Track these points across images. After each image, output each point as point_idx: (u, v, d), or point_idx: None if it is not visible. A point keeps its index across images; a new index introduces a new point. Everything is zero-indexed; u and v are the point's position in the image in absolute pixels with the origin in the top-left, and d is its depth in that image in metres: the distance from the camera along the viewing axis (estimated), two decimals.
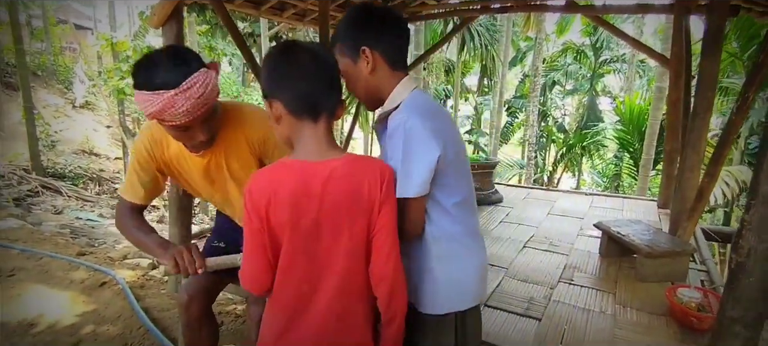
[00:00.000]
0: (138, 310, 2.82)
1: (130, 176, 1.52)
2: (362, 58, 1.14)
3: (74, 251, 4.01)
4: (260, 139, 1.53)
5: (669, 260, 2.42)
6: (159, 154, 1.49)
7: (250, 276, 1.02)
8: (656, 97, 6.72)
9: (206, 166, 1.52)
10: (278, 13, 4.04)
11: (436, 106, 1.20)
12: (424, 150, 1.06)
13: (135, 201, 1.52)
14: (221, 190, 1.61)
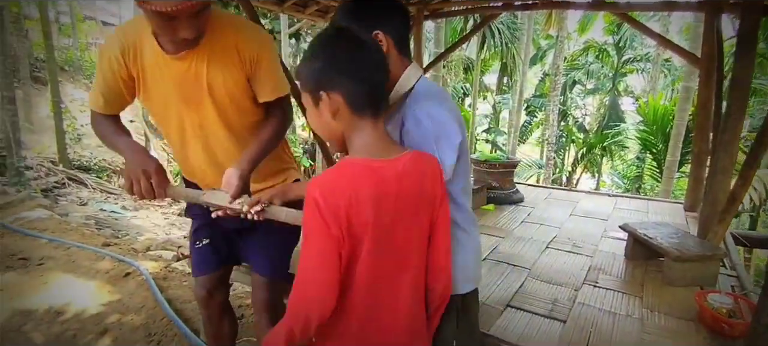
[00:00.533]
0: (161, 300, 2.87)
1: (94, 85, 1.40)
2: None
3: (99, 242, 4.11)
4: (255, 56, 1.37)
5: (698, 264, 2.35)
6: (130, 61, 1.33)
7: (321, 295, 0.88)
8: (683, 97, 6.54)
9: (183, 75, 1.33)
10: (301, 9, 4.06)
11: (445, 91, 1.20)
12: (451, 135, 1.07)
13: (97, 109, 1.41)
14: (194, 112, 1.40)
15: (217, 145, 1.47)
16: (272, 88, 1.44)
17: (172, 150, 1.53)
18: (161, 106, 1.41)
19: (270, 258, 1.66)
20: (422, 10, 4.46)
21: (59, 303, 2.83)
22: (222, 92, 1.37)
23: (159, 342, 2.55)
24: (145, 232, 5.66)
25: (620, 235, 2.92)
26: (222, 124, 1.43)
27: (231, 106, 1.42)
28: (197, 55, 1.32)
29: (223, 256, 1.69)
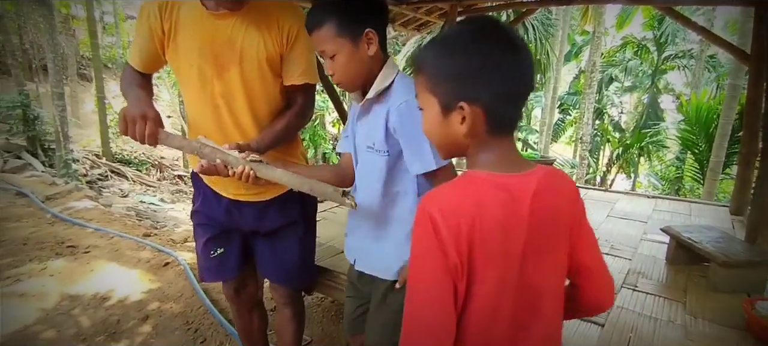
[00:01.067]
0: (198, 290, 2.97)
1: (135, 39, 1.43)
2: (364, 40, 1.14)
3: (140, 232, 4.29)
4: (294, 33, 1.37)
5: (746, 270, 2.24)
6: (166, 14, 1.33)
7: (439, 329, 0.70)
8: (729, 95, 6.22)
9: (218, 35, 1.33)
10: None
11: None
12: None
13: (134, 65, 1.43)
14: (219, 77, 1.37)
15: (234, 118, 1.41)
16: (302, 72, 1.43)
17: (189, 119, 1.51)
18: (186, 65, 1.37)
19: (285, 269, 1.65)
20: (456, 7, 4.42)
21: (104, 289, 2.98)
22: (253, 62, 1.36)
23: (196, 330, 2.63)
24: (182, 224, 5.86)
25: (661, 238, 2.81)
26: (245, 96, 1.39)
27: (257, 80, 1.39)
28: (237, 17, 1.32)
29: (241, 262, 1.66)
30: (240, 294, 1.76)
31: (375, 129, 1.19)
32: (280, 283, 1.70)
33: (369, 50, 1.14)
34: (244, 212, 1.55)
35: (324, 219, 3.20)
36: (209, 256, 1.62)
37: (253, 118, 1.43)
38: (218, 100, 1.39)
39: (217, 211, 1.56)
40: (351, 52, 1.14)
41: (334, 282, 2.28)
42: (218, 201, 1.55)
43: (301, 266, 1.68)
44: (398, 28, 4.74)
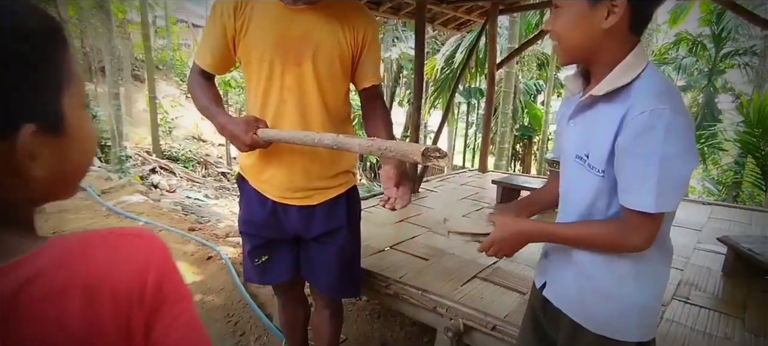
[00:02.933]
0: (239, 285, 3.06)
1: (203, 38, 1.44)
2: (606, 7, 0.86)
3: (186, 226, 4.48)
4: (369, 37, 1.42)
5: None
6: (240, 11, 1.36)
7: None
8: None
9: (294, 28, 1.35)
10: (374, 7, 4.12)
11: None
12: (689, 157, 0.84)
13: (203, 66, 1.44)
14: (290, 71, 1.39)
15: (301, 114, 1.43)
16: (375, 73, 1.49)
17: (253, 111, 1.49)
18: (257, 59, 1.39)
19: (329, 277, 1.64)
20: (497, 6, 4.33)
21: None
22: (326, 58, 1.38)
23: (236, 322, 2.72)
24: (225, 219, 6.07)
25: (717, 248, 2.63)
26: (316, 91, 1.41)
27: (328, 76, 1.41)
28: (314, 12, 1.35)
29: (286, 268, 1.66)
30: (286, 292, 1.79)
31: (595, 137, 0.93)
32: (322, 292, 1.71)
33: (606, 21, 0.86)
34: (290, 215, 1.55)
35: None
36: (253, 263, 1.65)
37: (320, 114, 1.44)
38: (286, 94, 1.41)
39: (261, 214, 1.55)
40: (580, 13, 0.89)
41: (371, 283, 2.28)
42: (262, 204, 1.54)
43: (345, 275, 1.67)
44: (438, 27, 4.68)
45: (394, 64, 14.55)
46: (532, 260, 2.52)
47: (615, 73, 0.89)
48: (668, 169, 0.83)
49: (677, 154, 0.83)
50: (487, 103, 5.07)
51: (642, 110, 0.83)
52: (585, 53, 0.93)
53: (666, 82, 0.88)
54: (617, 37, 0.88)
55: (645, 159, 0.84)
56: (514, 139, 13.09)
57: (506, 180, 3.93)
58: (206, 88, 1.46)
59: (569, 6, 0.90)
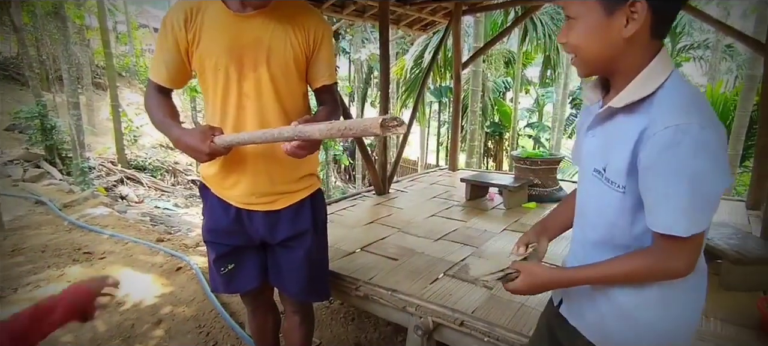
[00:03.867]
0: (210, 294, 3.01)
1: (156, 54, 1.43)
2: (624, 13, 0.79)
3: (154, 237, 4.37)
4: (319, 37, 1.43)
5: (761, 267, 2.18)
6: (190, 23, 1.36)
7: None
8: (747, 86, 6.08)
9: (245, 35, 1.36)
10: (339, 9, 4.12)
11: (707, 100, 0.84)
12: (722, 174, 0.77)
13: (159, 81, 1.43)
14: (246, 77, 1.40)
15: (260, 117, 1.43)
16: (330, 73, 1.51)
17: (212, 122, 1.47)
18: (212, 68, 1.39)
19: (296, 281, 1.64)
20: (460, 7, 4.40)
21: (120, 294, 3.04)
22: (280, 60, 1.39)
23: (208, 333, 2.68)
24: (196, 228, 5.95)
25: None
26: (273, 94, 1.42)
27: (284, 79, 1.42)
28: (263, 17, 1.36)
29: (252, 275, 1.65)
30: (255, 299, 1.78)
31: (614, 151, 0.86)
32: (290, 296, 1.71)
33: (626, 30, 0.79)
34: (254, 221, 1.54)
35: (331, 221, 3.21)
36: (220, 272, 1.63)
37: (279, 117, 1.45)
38: (244, 101, 1.41)
39: (225, 221, 1.54)
40: (598, 23, 0.82)
41: (342, 285, 2.29)
42: (226, 211, 1.54)
43: (313, 279, 1.67)
44: (403, 29, 4.73)
45: (364, 66, 14.57)
46: (500, 255, 2.59)
47: (636, 83, 0.82)
48: (699, 188, 0.76)
49: (708, 172, 0.76)
50: (455, 102, 5.16)
51: (666, 125, 0.76)
52: (605, 64, 0.86)
53: (693, 92, 0.80)
54: (639, 44, 0.81)
55: (673, 178, 0.76)
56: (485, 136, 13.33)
57: (474, 178, 4.01)
58: (162, 104, 1.44)
59: (584, 16, 0.83)
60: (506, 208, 3.63)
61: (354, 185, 13.41)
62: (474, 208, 3.69)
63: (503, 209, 3.64)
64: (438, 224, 3.23)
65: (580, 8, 0.83)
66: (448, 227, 3.12)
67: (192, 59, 1.41)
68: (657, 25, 0.80)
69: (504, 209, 3.64)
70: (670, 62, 0.82)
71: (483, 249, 2.70)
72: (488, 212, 3.57)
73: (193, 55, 1.40)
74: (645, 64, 0.82)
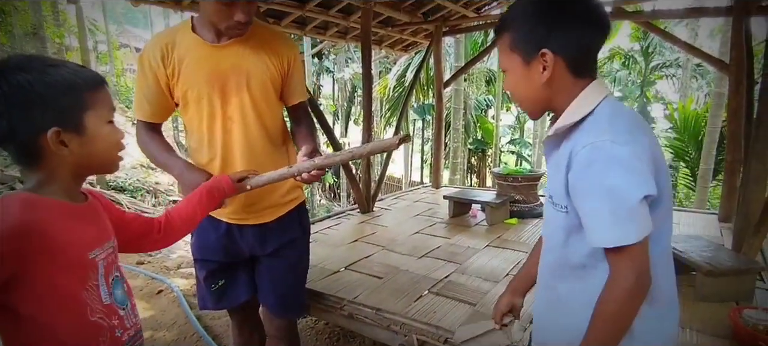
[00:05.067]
0: (191, 317, 2.96)
1: (137, 93, 1.47)
2: (539, 62, 0.89)
3: (133, 260, 4.28)
4: (292, 59, 1.52)
5: (732, 278, 2.26)
6: (167, 57, 1.40)
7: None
8: (715, 103, 6.33)
9: (223, 64, 1.41)
10: (322, 31, 4.19)
11: (638, 119, 0.91)
12: (638, 182, 0.81)
13: (144, 118, 1.47)
14: (229, 104, 1.45)
15: (246, 139, 1.49)
16: (302, 91, 1.59)
17: (197, 152, 1.53)
18: (195, 97, 1.43)
19: (283, 294, 1.68)
20: (440, 28, 4.51)
21: None
22: (259, 84, 1.46)
23: None
24: (177, 250, 5.84)
25: None
26: (256, 116, 1.48)
27: (265, 100, 1.49)
28: (239, 46, 1.42)
29: (243, 291, 1.68)
30: (243, 313, 1.78)
31: (555, 176, 0.94)
32: (277, 312, 1.71)
33: (543, 76, 0.89)
34: (246, 235, 1.58)
35: (315, 240, 3.21)
36: (210, 289, 1.65)
37: (263, 137, 1.52)
38: (229, 125, 1.47)
39: (214, 238, 1.57)
40: (521, 73, 0.93)
41: (327, 305, 2.29)
42: (216, 228, 1.57)
43: (295, 289, 1.72)
44: (386, 49, 4.83)
45: (348, 84, 14.68)
46: (483, 271, 2.62)
47: (565, 114, 0.91)
48: (617, 199, 0.80)
49: (622, 183, 0.80)
50: (437, 121, 5.24)
51: (583, 145, 0.83)
52: (540, 105, 0.96)
53: (615, 113, 0.87)
54: (562, 85, 0.90)
55: (594, 194, 0.83)
56: (468, 153, 13.48)
57: (457, 195, 4.06)
58: (159, 143, 1.49)
59: (511, 68, 0.94)
60: (489, 224, 3.68)
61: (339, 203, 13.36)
62: (457, 225, 3.73)
63: (486, 225, 3.69)
64: (422, 241, 3.26)
65: (507, 62, 0.94)
66: (432, 244, 3.15)
67: (174, 92, 1.45)
68: (575, 67, 0.89)
69: (487, 225, 3.69)
70: (602, 93, 0.89)
71: (466, 265, 2.73)
72: (471, 229, 3.61)
73: (174, 89, 1.44)
74: (572, 99, 0.91)
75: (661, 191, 0.84)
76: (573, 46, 0.88)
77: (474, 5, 4.46)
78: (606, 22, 0.89)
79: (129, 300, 0.96)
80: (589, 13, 0.87)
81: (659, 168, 0.85)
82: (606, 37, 0.90)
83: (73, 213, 0.86)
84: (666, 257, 0.95)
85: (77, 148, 0.83)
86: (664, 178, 0.87)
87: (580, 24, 0.87)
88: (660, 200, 0.85)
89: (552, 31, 0.87)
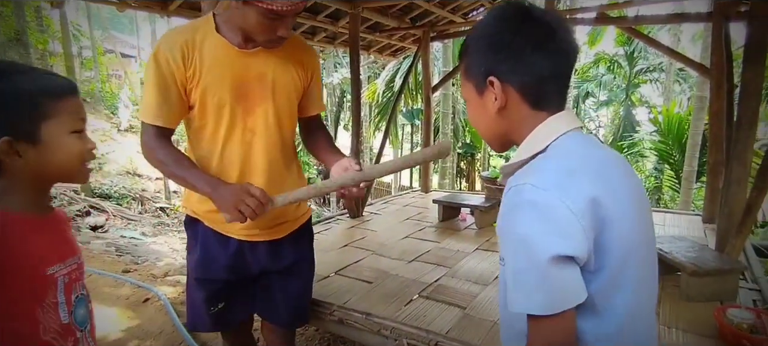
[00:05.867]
0: (179, 325, 2.92)
1: (150, 94, 1.29)
2: (491, 92, 0.78)
3: (119, 268, 4.20)
4: (314, 69, 1.48)
5: (717, 278, 2.30)
6: (188, 59, 1.29)
7: None
8: (697, 106, 6.47)
9: (249, 71, 1.33)
10: (310, 36, 4.19)
11: (595, 163, 0.75)
12: (549, 239, 0.65)
13: (160, 123, 1.31)
14: (252, 113, 1.37)
15: (266, 152, 1.41)
16: (320, 102, 1.57)
17: (204, 161, 1.42)
18: (215, 103, 1.33)
19: (294, 308, 1.63)
20: (428, 33, 4.55)
21: None
22: (283, 95, 1.40)
23: None
24: (164, 257, 5.76)
25: None
26: (277, 129, 1.41)
27: (287, 112, 1.44)
28: (266, 52, 1.35)
29: (242, 312, 1.61)
30: (239, 332, 1.73)
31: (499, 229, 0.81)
32: (287, 325, 1.68)
33: (494, 105, 0.78)
34: (259, 252, 1.51)
35: None
36: (209, 311, 1.54)
37: (281, 150, 1.46)
38: (249, 136, 1.39)
39: (223, 255, 1.47)
40: (476, 103, 0.82)
41: (317, 311, 2.27)
42: (224, 245, 1.47)
43: (309, 299, 1.73)
44: (374, 54, 4.84)
45: (337, 90, 14.68)
46: (472, 275, 2.63)
47: (517, 152, 0.80)
48: (522, 252, 0.67)
49: (532, 233, 0.66)
50: (426, 125, 5.27)
51: (509, 188, 0.72)
52: (498, 138, 0.84)
53: (563, 154, 0.74)
54: (518, 117, 0.78)
55: (507, 243, 0.71)
56: (457, 157, 13.55)
57: (446, 199, 4.07)
58: (173, 152, 1.34)
59: (469, 98, 0.85)
60: (478, 227, 3.70)
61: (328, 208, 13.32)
62: (447, 228, 3.74)
63: (475, 228, 3.71)
64: (412, 245, 3.26)
65: (466, 92, 0.85)
66: (422, 249, 3.15)
67: (191, 95, 1.33)
68: (530, 98, 0.77)
69: (476, 228, 3.70)
70: (560, 128, 0.76)
71: (456, 269, 2.74)
72: (461, 233, 3.63)
73: (192, 91, 1.33)
74: (529, 131, 0.79)
75: (605, 251, 0.68)
76: (524, 74, 0.75)
77: (461, 11, 4.50)
78: (566, 48, 0.75)
79: (89, 322, 0.91)
80: (546, 37, 0.74)
81: (608, 223, 0.67)
82: (567, 66, 0.78)
83: (35, 225, 0.83)
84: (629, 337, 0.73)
85: (34, 159, 0.81)
86: (614, 235, 0.68)
87: (531, 50, 0.74)
88: (603, 264, 0.68)
89: (500, 57, 0.76)
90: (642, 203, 0.78)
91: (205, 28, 1.32)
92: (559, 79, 0.78)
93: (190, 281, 1.58)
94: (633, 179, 0.79)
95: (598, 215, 0.67)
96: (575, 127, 0.78)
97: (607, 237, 0.68)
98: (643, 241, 0.76)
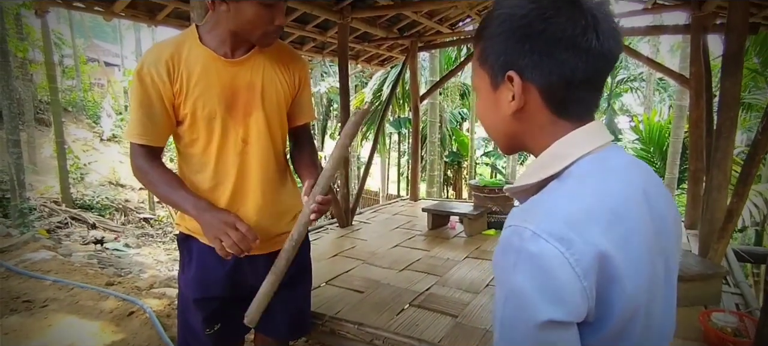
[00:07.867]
0: (165, 339, 2.86)
1: (135, 113, 1.26)
2: (507, 88, 0.65)
3: (103, 281, 4.11)
4: (303, 77, 1.46)
5: (700, 283, 2.35)
6: (174, 73, 1.26)
7: None
8: (677, 115, 6.63)
9: (238, 80, 1.31)
10: (298, 46, 4.19)
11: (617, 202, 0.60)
12: (543, 303, 0.55)
13: (147, 142, 1.29)
14: (242, 124, 1.35)
15: (259, 161, 1.39)
16: (309, 111, 1.54)
17: (197, 175, 1.39)
18: (205, 116, 1.30)
19: (297, 319, 1.60)
20: (416, 43, 4.59)
21: (63, 345, 2.82)
22: (273, 102, 1.38)
23: None
24: (149, 269, 5.66)
25: None
26: (269, 137, 1.40)
27: (277, 120, 1.42)
28: (254, 61, 1.34)
29: (237, 332, 1.55)
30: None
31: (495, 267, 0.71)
32: (290, 337, 1.65)
33: (510, 104, 0.65)
34: (256, 266, 1.46)
35: None
36: (205, 332, 1.48)
37: (274, 161, 1.44)
38: (241, 146, 1.37)
39: (220, 272, 1.43)
40: (489, 97, 0.69)
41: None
42: (221, 261, 1.39)
43: (308, 312, 1.69)
44: (362, 64, 4.87)
45: (323, 98, 14.68)
46: (463, 283, 2.64)
47: (529, 168, 0.68)
48: (513, 309, 0.57)
49: (526, 292, 0.55)
50: (414, 134, 5.30)
51: (508, 225, 0.60)
52: (509, 140, 0.72)
53: (577, 186, 0.61)
54: (536, 122, 0.66)
55: (498, 291, 0.60)
56: (444, 165, 13.63)
57: (435, 207, 4.09)
58: (162, 172, 1.32)
59: (480, 89, 0.71)
60: (467, 235, 3.73)
61: None
62: (436, 237, 3.76)
63: (464, 236, 3.73)
64: (402, 254, 3.26)
65: (477, 80, 0.71)
66: (412, 257, 3.16)
67: (179, 111, 1.31)
68: (553, 102, 0.64)
69: (465, 236, 3.73)
70: (584, 146, 0.63)
71: (447, 277, 2.75)
72: (450, 241, 3.65)
73: (180, 107, 1.30)
74: (550, 142, 0.65)
75: (608, 306, 0.57)
76: (550, 74, 0.61)
77: (448, 21, 4.57)
78: (609, 47, 0.61)
79: None
80: (586, 30, 0.60)
81: (616, 280, 0.57)
82: (606, 69, 0.63)
83: None
84: None
85: None
86: (620, 291, 0.57)
87: (563, 46, 0.60)
88: (604, 320, 0.58)
89: (526, 49, 0.61)
90: (663, 244, 0.65)
91: (190, 41, 1.30)
92: (593, 85, 0.64)
93: (186, 303, 1.50)
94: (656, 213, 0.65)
95: (605, 272, 0.56)
96: (600, 145, 0.64)
97: (611, 293, 0.57)
98: (657, 290, 0.64)
